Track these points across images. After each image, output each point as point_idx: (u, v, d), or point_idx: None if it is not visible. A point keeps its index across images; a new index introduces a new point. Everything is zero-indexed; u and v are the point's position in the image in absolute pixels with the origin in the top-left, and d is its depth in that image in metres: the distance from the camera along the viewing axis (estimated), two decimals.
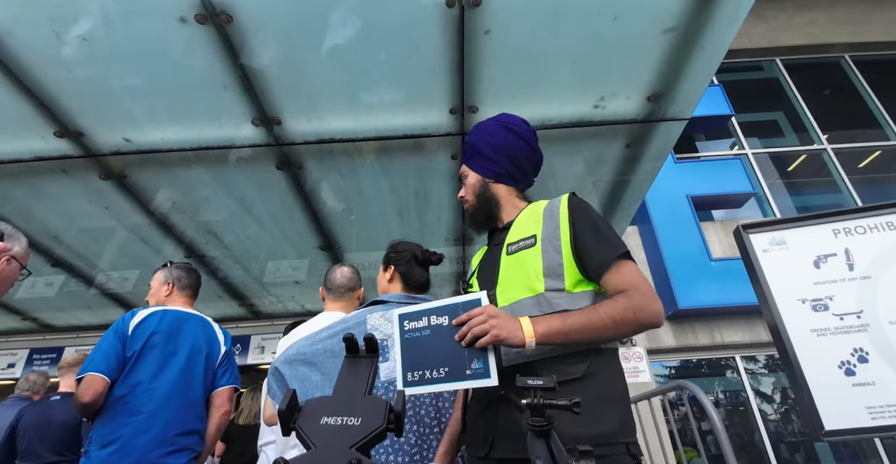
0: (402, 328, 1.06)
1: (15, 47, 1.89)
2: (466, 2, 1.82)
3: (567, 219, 1.15)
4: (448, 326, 1.01)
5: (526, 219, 1.24)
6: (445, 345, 1.00)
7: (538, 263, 1.12)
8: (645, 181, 2.96)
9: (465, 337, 0.97)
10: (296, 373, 1.38)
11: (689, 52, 2.07)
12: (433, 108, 2.31)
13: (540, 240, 1.14)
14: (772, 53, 7.82)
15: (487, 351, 0.96)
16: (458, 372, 0.97)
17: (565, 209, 1.17)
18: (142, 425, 1.82)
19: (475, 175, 1.36)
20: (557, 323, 1.00)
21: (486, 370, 0.95)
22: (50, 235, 3.19)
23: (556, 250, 1.12)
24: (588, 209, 1.17)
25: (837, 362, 1.46)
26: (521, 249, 1.17)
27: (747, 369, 5.97)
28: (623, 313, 1.00)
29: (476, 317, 0.97)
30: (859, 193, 6.72)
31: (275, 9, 1.83)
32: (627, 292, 1.03)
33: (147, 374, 1.91)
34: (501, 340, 0.95)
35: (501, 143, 1.32)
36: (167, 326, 2.04)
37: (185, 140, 2.39)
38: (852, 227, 1.59)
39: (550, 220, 1.17)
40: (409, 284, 1.59)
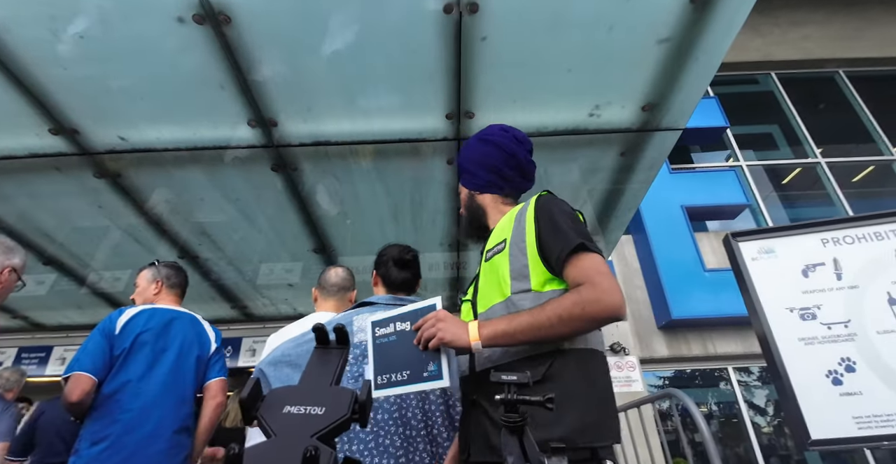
0: (374, 335, 1.12)
1: (12, 44, 1.90)
2: (464, 8, 1.84)
3: (532, 218, 1.14)
4: (410, 331, 1.07)
5: (502, 225, 1.26)
6: (407, 349, 1.06)
7: (506, 266, 1.13)
8: (639, 190, 2.98)
9: (420, 341, 1.03)
10: (280, 375, 1.37)
11: (684, 63, 2.09)
12: (429, 113, 2.33)
13: (508, 244, 1.15)
14: (767, 67, 7.91)
15: (440, 354, 1.01)
16: (417, 375, 1.02)
17: (532, 209, 1.16)
18: (132, 422, 1.81)
19: (465, 190, 1.42)
20: (503, 325, 1.00)
21: (439, 372, 1.00)
22: (42, 233, 3.17)
23: (521, 252, 1.11)
24: (551, 205, 1.15)
25: (825, 371, 1.47)
26: (494, 255, 1.19)
27: (740, 381, 5.97)
28: (570, 309, 0.96)
29: (427, 322, 1.03)
30: (853, 206, 6.77)
31: (274, 11, 1.84)
32: (580, 287, 0.99)
33: (137, 372, 1.90)
34: (446, 342, 1.00)
35: (477, 155, 1.38)
36: (157, 324, 2.03)
37: (180, 140, 2.39)
38: (840, 236, 1.60)
39: (519, 222, 1.17)
40: (390, 284, 1.61)
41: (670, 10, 1.88)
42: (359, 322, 1.45)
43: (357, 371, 1.38)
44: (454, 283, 4.30)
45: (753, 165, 7.35)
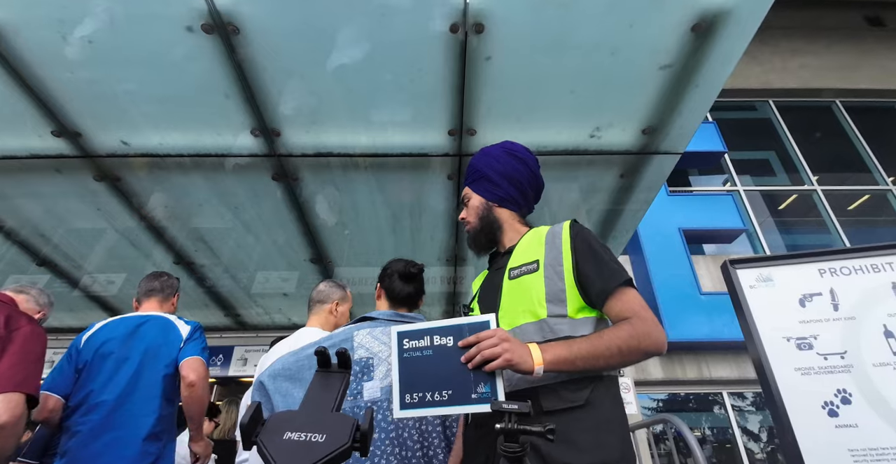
0: (400, 347, 1.00)
1: (20, 46, 1.91)
2: (470, 28, 1.86)
3: (569, 245, 1.16)
4: (453, 347, 0.97)
5: (528, 244, 1.25)
6: (449, 367, 0.95)
7: (541, 288, 1.12)
8: (638, 212, 2.99)
9: (472, 359, 0.94)
10: (279, 388, 1.35)
11: (684, 89, 2.12)
12: (432, 129, 2.34)
13: (543, 265, 1.15)
14: (765, 95, 8.04)
15: (496, 375, 0.93)
16: (462, 396, 0.92)
17: (567, 235, 1.18)
18: (90, 432, 1.81)
19: (479, 198, 1.36)
20: (564, 351, 0.99)
21: (493, 394, 0.91)
22: (38, 234, 3.15)
23: (558, 276, 1.12)
24: (589, 236, 1.18)
25: (821, 402, 1.45)
26: (524, 274, 1.17)
27: (734, 406, 5.92)
28: (628, 341, 1.01)
29: (487, 339, 0.95)
30: (848, 234, 6.82)
31: (282, 24, 1.87)
32: (631, 320, 1.04)
33: (98, 383, 1.90)
34: (513, 365, 0.93)
35: (506, 168, 1.35)
36: (121, 332, 2.02)
37: (182, 146, 2.40)
38: (838, 267, 1.61)
39: (553, 245, 1.18)
40: (393, 298, 1.58)
41: (672, 37, 1.91)
42: (359, 338, 1.43)
43: (356, 389, 1.35)
44: (451, 297, 4.28)
45: (750, 190, 7.41)
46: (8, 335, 1.49)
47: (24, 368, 1.48)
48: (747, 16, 1.82)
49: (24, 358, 1.48)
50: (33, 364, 1.53)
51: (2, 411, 1.35)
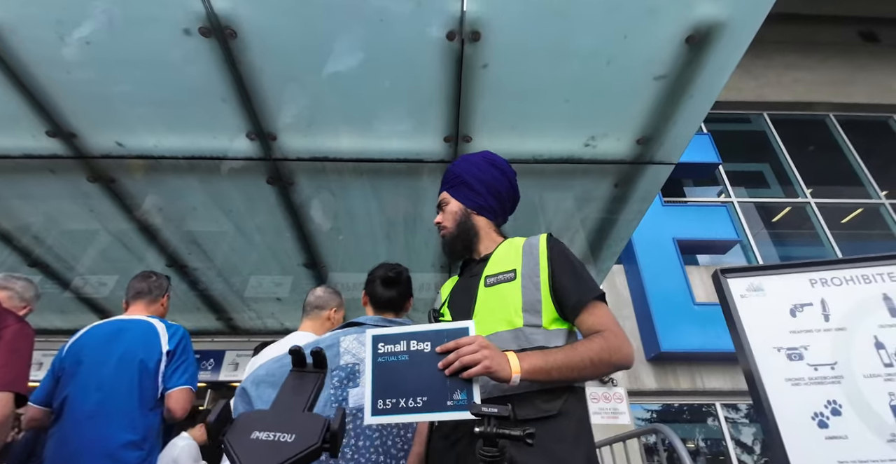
0: (375, 351, 0.97)
1: (17, 45, 1.91)
2: (466, 36, 1.88)
3: (546, 257, 1.19)
4: (430, 353, 0.95)
5: (505, 253, 1.27)
6: (425, 373, 0.93)
7: (517, 297, 1.14)
8: (632, 221, 3.00)
9: (450, 365, 0.92)
10: (262, 394, 1.33)
11: (679, 100, 2.14)
12: (428, 135, 2.35)
13: (520, 275, 1.17)
14: (759, 107, 8.13)
15: (472, 382, 0.92)
16: (437, 402, 0.91)
17: (544, 248, 1.21)
18: (62, 439, 1.79)
19: (458, 204, 1.37)
20: (541, 360, 1.00)
21: (469, 402, 0.89)
22: (30, 235, 3.12)
23: (535, 287, 1.14)
24: (566, 250, 1.22)
25: (811, 413, 1.45)
26: (500, 283, 1.18)
27: (728, 418, 5.90)
28: (600, 354, 1.03)
29: (466, 346, 0.93)
30: (841, 247, 6.86)
31: (280, 28, 1.87)
32: (603, 333, 1.07)
33: (73, 390, 1.86)
34: (491, 372, 0.93)
35: (487, 177, 1.37)
36: (98, 338, 1.97)
37: (178, 148, 2.39)
38: (829, 278, 1.61)
39: (530, 256, 1.20)
40: (376, 304, 1.58)
41: (667, 48, 1.93)
42: (345, 344, 1.42)
43: (341, 395, 1.34)
44: None
45: (745, 201, 7.46)
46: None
47: (13, 367, 1.47)
48: (741, 29, 1.84)
49: (12, 357, 1.47)
50: (22, 363, 1.52)
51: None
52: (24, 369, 1.52)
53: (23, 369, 1.52)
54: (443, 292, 1.41)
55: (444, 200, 1.41)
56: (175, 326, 2.05)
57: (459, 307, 1.25)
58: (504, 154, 2.43)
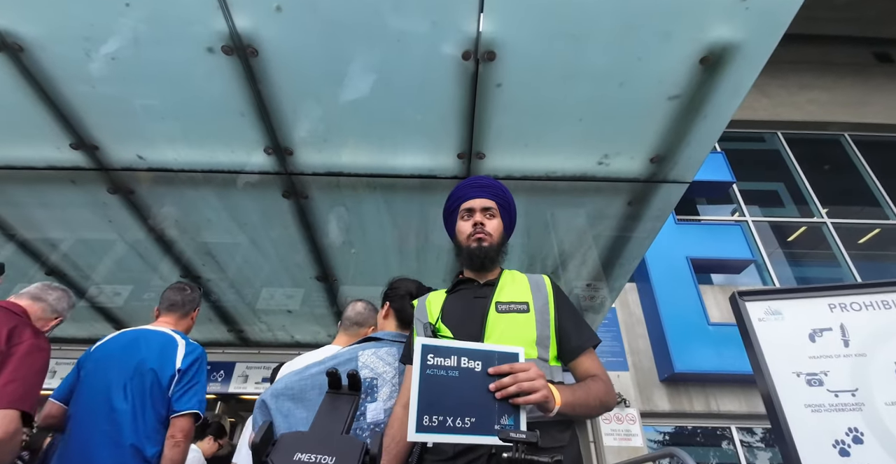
0: (423, 361, 0.91)
1: (45, 61, 1.98)
2: (482, 56, 1.91)
3: (552, 298, 1.27)
4: (481, 373, 0.93)
5: (512, 282, 1.32)
6: (475, 393, 0.90)
7: (532, 330, 1.20)
8: (645, 239, 2.98)
9: (503, 388, 0.91)
10: (280, 408, 1.33)
11: (693, 120, 2.14)
12: (441, 152, 2.37)
13: (533, 309, 1.23)
14: (773, 126, 8.08)
15: (521, 408, 0.91)
16: (485, 425, 0.87)
17: (550, 289, 1.30)
18: (70, 441, 1.82)
19: (502, 224, 1.43)
20: (570, 396, 1.05)
21: (516, 427, 0.88)
22: (49, 243, 3.19)
23: (545, 324, 1.22)
24: (566, 295, 1.34)
25: (832, 441, 1.41)
26: (513, 312, 1.23)
27: (743, 442, 5.74)
28: (603, 397, 1.14)
29: (524, 372, 0.93)
30: (858, 268, 6.72)
31: (300, 46, 1.92)
32: (601, 378, 1.18)
33: (88, 393, 1.90)
34: (544, 402, 0.94)
35: (515, 217, 1.53)
36: (119, 345, 2.00)
37: (196, 162, 2.44)
38: (848, 302, 1.58)
39: (539, 293, 1.28)
40: (403, 320, 1.57)
41: (681, 69, 1.94)
42: (364, 358, 1.41)
43: (359, 410, 1.33)
44: None
45: (759, 221, 7.37)
46: (8, 351, 1.51)
47: (21, 384, 1.49)
48: (755, 50, 1.85)
49: (21, 374, 1.50)
50: (32, 380, 1.54)
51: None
52: (33, 387, 1.54)
53: (32, 386, 1.54)
54: (430, 306, 1.37)
55: (493, 210, 1.41)
56: (194, 346, 2.06)
57: (465, 327, 1.23)
58: (517, 171, 2.46)
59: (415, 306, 1.41)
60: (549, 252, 3.13)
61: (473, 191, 1.44)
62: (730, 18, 1.77)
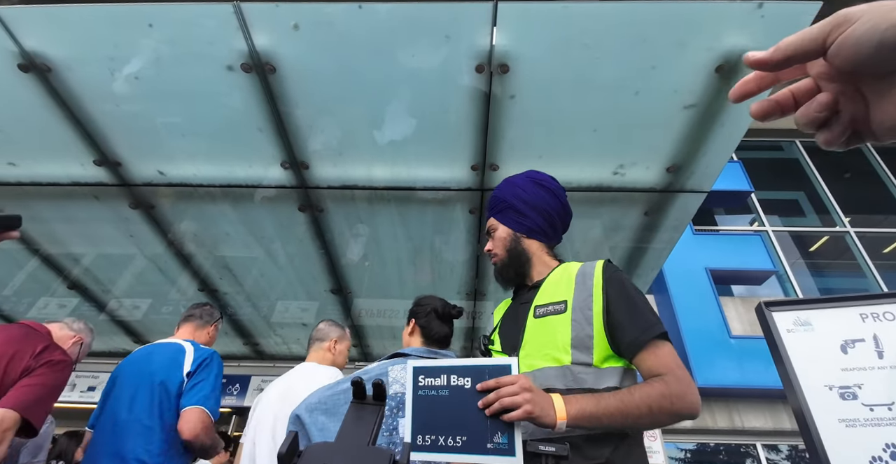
0: (416, 383, 0.94)
1: (72, 80, 2.04)
2: (495, 69, 1.92)
3: (601, 288, 1.09)
4: (471, 389, 0.90)
5: (557, 281, 1.19)
6: (465, 411, 0.89)
7: (567, 331, 1.06)
8: (663, 250, 2.94)
9: (490, 405, 0.87)
10: (315, 422, 1.33)
11: (709, 129, 2.12)
12: (455, 164, 2.38)
13: (571, 307, 1.09)
14: (791, 135, 7.97)
15: (514, 425, 0.86)
16: (477, 444, 0.85)
17: (599, 277, 1.11)
18: (89, 456, 1.85)
19: (506, 229, 1.32)
20: (591, 406, 0.92)
21: (510, 446, 0.84)
22: (71, 258, 3.26)
23: (586, 320, 1.06)
24: (625, 280, 1.11)
25: (868, 458, 1.35)
26: (550, 314, 1.11)
27: (769, 460, 5.54)
28: (660, 401, 0.94)
29: (507, 386, 0.87)
30: (885, 278, 6.52)
31: (316, 63, 1.96)
32: (665, 377, 0.96)
33: (106, 410, 1.93)
34: (534, 417, 0.86)
35: (534, 198, 1.30)
36: (134, 361, 2.03)
37: (215, 177, 2.49)
38: (881, 312, 1.53)
39: (583, 286, 1.11)
40: (429, 337, 1.57)
41: (696, 78, 1.93)
42: (394, 373, 1.41)
43: (392, 424, 1.32)
44: (469, 332, 4.21)
45: (780, 230, 7.22)
46: (36, 364, 1.59)
47: (33, 392, 1.54)
48: None
49: (37, 384, 1.56)
50: (43, 392, 1.59)
51: None
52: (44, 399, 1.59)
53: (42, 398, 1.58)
54: (495, 316, 1.36)
55: (492, 227, 1.36)
56: (204, 350, 2.05)
57: (510, 337, 1.20)
58: None
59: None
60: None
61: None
62: (745, 26, 1.76)
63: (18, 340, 1.63)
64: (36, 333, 1.74)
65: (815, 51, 0.36)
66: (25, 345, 1.62)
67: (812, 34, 0.36)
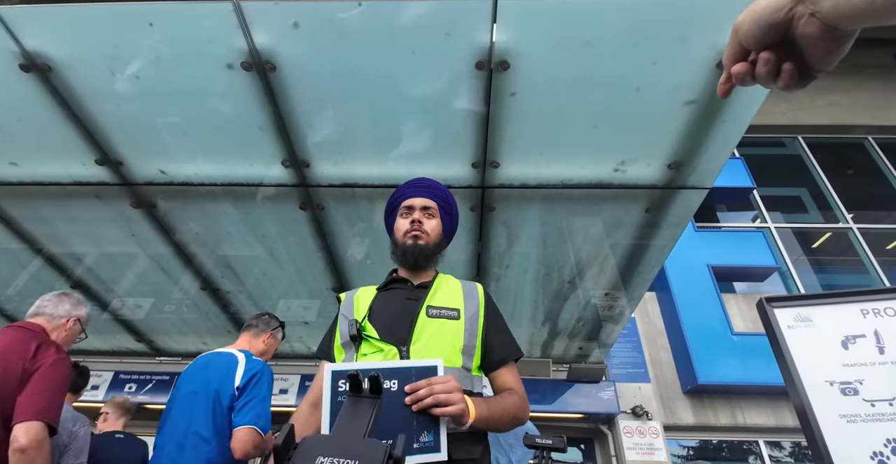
0: (334, 389, 0.88)
1: (73, 80, 2.05)
2: (495, 66, 1.92)
3: (483, 308, 1.26)
4: (398, 392, 0.90)
5: (447, 288, 1.29)
6: (392, 413, 0.88)
7: (460, 338, 1.17)
8: (664, 247, 2.93)
9: (419, 402, 0.90)
10: None
11: (711, 125, 2.12)
12: (456, 161, 2.38)
13: (464, 317, 1.21)
14: (794, 131, 7.93)
15: (440, 423, 0.89)
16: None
17: (482, 299, 1.28)
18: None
19: (441, 225, 1.41)
20: (486, 410, 1.04)
21: (436, 444, 0.88)
22: (74, 257, 3.27)
23: (473, 333, 1.20)
24: (495, 304, 1.33)
25: (870, 453, 1.34)
26: (444, 318, 1.20)
27: (772, 457, 5.53)
28: (518, 412, 1.13)
29: (440, 384, 0.92)
30: (888, 275, 6.49)
31: (316, 62, 1.96)
32: (517, 392, 1.17)
33: (167, 418, 1.99)
34: (460, 415, 0.93)
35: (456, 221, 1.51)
36: (193, 369, 2.08)
37: (216, 176, 2.49)
38: (882, 308, 1.52)
39: (471, 302, 1.25)
40: None
41: (697, 74, 1.92)
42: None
43: None
44: None
45: (782, 227, 7.19)
46: (32, 367, 1.59)
47: (44, 397, 1.56)
48: None
49: (44, 388, 1.57)
50: (54, 394, 1.60)
51: (21, 435, 1.44)
52: (55, 400, 1.60)
53: (54, 399, 1.60)
54: (358, 301, 1.32)
55: (432, 209, 1.41)
56: (255, 362, 2.06)
57: (390, 326, 1.19)
58: (532, 179, 2.45)
59: (341, 300, 1.37)
60: (565, 261, 3.09)
61: (415, 190, 1.42)
62: None
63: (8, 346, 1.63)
64: (27, 334, 1.72)
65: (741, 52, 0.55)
66: (16, 350, 1.61)
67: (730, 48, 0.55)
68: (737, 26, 0.54)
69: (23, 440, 1.43)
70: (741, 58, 0.55)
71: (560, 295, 3.49)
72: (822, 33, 0.46)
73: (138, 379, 5.29)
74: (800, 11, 0.47)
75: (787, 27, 0.49)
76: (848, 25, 0.45)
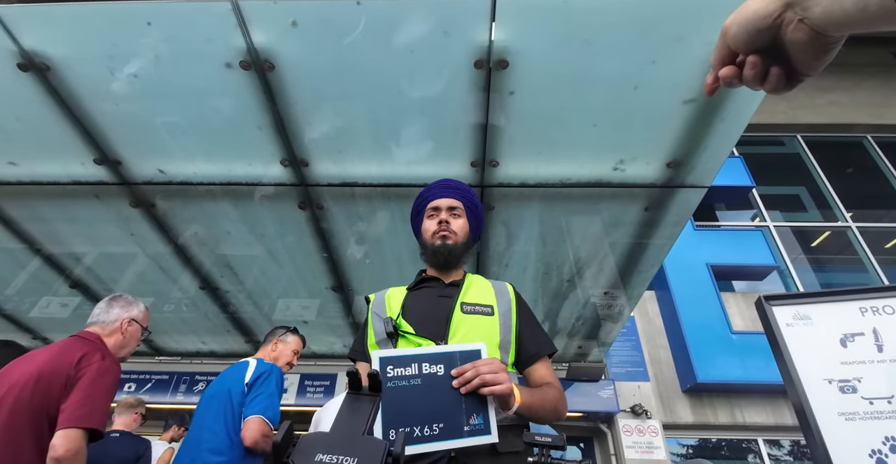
0: (384, 375, 0.90)
1: (71, 79, 2.05)
2: (494, 64, 1.92)
3: (515, 306, 1.27)
4: (445, 376, 0.91)
5: (479, 286, 1.31)
6: (440, 397, 0.88)
7: (496, 333, 1.19)
8: (664, 246, 2.93)
9: (467, 383, 0.90)
10: None
11: (710, 124, 2.12)
12: (455, 160, 2.38)
13: (497, 314, 1.23)
14: (793, 129, 7.93)
15: (488, 406, 0.89)
16: (454, 429, 0.86)
17: (513, 296, 1.30)
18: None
19: (468, 225, 1.42)
20: (528, 397, 1.04)
21: (486, 426, 0.87)
22: (73, 257, 3.26)
23: (507, 329, 1.22)
24: (525, 301, 1.34)
25: (868, 451, 1.35)
26: (479, 314, 1.22)
27: (771, 455, 5.54)
28: (557, 404, 1.14)
29: (486, 365, 0.93)
30: (888, 274, 6.50)
31: (315, 60, 1.96)
32: (554, 385, 1.17)
33: (193, 421, 2.16)
34: (507, 395, 0.94)
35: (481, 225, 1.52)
36: (217, 379, 2.25)
37: (215, 175, 2.49)
38: (880, 306, 1.53)
39: (502, 299, 1.27)
40: None
41: (696, 72, 1.92)
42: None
43: None
44: None
45: (781, 226, 7.20)
46: (76, 374, 1.59)
47: (87, 403, 1.56)
48: None
49: (88, 394, 1.57)
50: (98, 399, 1.60)
51: (59, 445, 1.45)
52: (100, 405, 1.60)
53: (99, 404, 1.60)
54: (389, 300, 1.34)
55: (460, 211, 1.42)
56: (265, 364, 2.22)
57: (425, 324, 1.20)
58: (531, 178, 2.45)
59: (371, 301, 1.37)
60: (564, 260, 3.09)
61: (441, 191, 1.44)
62: None
63: (56, 356, 1.65)
64: (79, 343, 1.74)
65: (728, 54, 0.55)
66: (63, 359, 1.63)
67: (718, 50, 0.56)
68: (725, 29, 0.54)
69: (60, 450, 1.44)
70: (729, 60, 0.55)
71: (559, 294, 3.49)
72: (811, 39, 0.47)
73: (137, 378, 5.30)
74: (788, 17, 0.47)
75: (776, 33, 0.49)
76: (837, 32, 0.45)
